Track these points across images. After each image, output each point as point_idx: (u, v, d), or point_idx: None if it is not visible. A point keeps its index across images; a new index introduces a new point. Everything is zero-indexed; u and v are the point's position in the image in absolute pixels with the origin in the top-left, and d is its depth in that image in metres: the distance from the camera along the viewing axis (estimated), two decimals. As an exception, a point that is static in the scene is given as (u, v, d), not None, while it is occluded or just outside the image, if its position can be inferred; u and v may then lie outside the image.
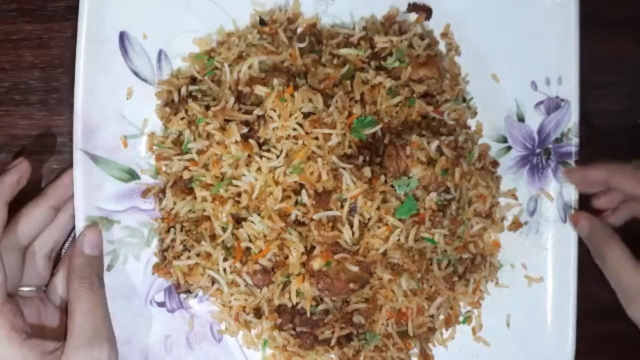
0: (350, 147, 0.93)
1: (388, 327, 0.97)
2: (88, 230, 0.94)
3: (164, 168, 0.98)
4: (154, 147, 0.99)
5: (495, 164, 1.03)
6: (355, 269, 0.90)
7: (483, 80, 1.03)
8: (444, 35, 1.03)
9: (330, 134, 0.90)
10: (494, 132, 1.04)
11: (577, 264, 0.99)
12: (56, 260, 0.99)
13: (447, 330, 1.02)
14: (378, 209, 0.91)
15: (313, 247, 0.91)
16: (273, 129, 0.91)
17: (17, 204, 0.93)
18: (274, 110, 0.91)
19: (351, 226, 0.90)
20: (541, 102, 1.03)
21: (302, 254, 0.91)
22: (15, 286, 0.93)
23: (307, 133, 0.90)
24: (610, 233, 0.95)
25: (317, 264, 0.91)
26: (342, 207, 0.90)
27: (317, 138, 0.90)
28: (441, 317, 1.01)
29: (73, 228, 0.96)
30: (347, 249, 0.91)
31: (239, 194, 0.92)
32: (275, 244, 0.91)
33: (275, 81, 0.91)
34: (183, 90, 0.97)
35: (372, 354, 0.97)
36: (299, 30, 1.02)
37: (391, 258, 0.93)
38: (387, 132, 0.96)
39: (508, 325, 1.02)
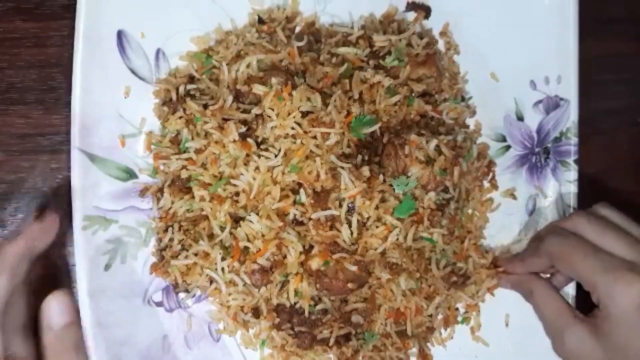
0: (348, 146, 0.93)
1: (387, 326, 0.97)
2: (52, 298, 0.84)
3: (161, 167, 0.98)
4: (152, 146, 0.98)
5: (491, 164, 1.03)
6: (354, 268, 0.90)
7: (482, 79, 1.03)
8: (443, 34, 1.03)
9: (329, 133, 0.90)
10: (493, 131, 1.04)
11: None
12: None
13: (445, 330, 1.02)
14: (377, 208, 0.90)
15: (311, 247, 0.91)
16: (271, 128, 0.90)
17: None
18: (272, 109, 0.90)
19: (350, 226, 0.90)
20: (540, 101, 1.02)
21: (301, 253, 0.91)
22: None
23: (305, 132, 0.90)
24: (531, 276, 0.96)
25: (315, 263, 0.90)
26: (340, 206, 0.90)
27: (315, 137, 0.90)
28: (440, 316, 1.01)
29: None
30: (346, 249, 0.91)
31: (237, 193, 0.92)
32: (273, 243, 0.90)
33: (273, 80, 0.91)
34: (181, 89, 0.97)
35: (370, 353, 0.97)
36: (298, 29, 1.01)
37: (390, 257, 0.93)
38: (385, 131, 0.95)
39: (507, 325, 1.02)
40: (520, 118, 1.03)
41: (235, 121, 0.91)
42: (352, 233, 0.90)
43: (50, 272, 0.97)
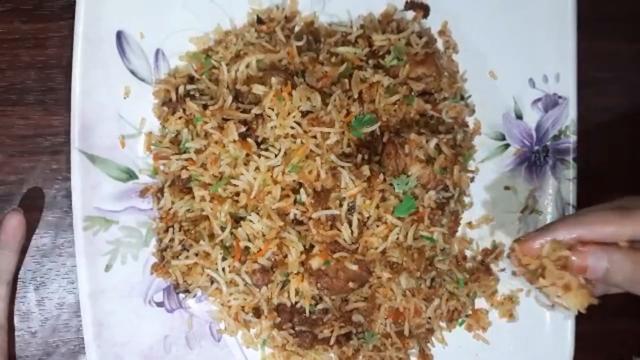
0: (348, 145, 0.93)
1: (387, 326, 0.97)
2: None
3: (162, 167, 0.98)
4: (152, 147, 0.98)
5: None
6: (355, 267, 0.90)
7: (481, 78, 1.03)
8: (442, 33, 1.03)
9: (329, 133, 0.90)
10: (492, 130, 1.04)
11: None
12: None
13: (450, 331, 1.02)
14: (377, 207, 0.90)
15: (312, 246, 0.91)
16: (271, 127, 0.90)
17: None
18: (272, 109, 0.90)
19: (350, 225, 0.90)
20: (539, 100, 1.03)
21: (301, 253, 0.91)
22: None
23: (305, 132, 0.90)
24: None
25: (316, 262, 0.91)
26: (341, 205, 0.90)
27: (315, 137, 0.90)
28: (439, 318, 1.01)
29: None
30: (346, 248, 0.91)
31: (237, 193, 0.92)
32: (274, 243, 0.90)
33: (273, 80, 0.91)
34: (181, 89, 0.97)
35: (370, 353, 0.97)
36: (297, 28, 1.01)
37: (390, 257, 0.93)
38: (385, 131, 0.96)
39: (508, 322, 1.02)
40: (519, 116, 1.03)
41: (235, 121, 0.91)
42: (352, 232, 0.90)
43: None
